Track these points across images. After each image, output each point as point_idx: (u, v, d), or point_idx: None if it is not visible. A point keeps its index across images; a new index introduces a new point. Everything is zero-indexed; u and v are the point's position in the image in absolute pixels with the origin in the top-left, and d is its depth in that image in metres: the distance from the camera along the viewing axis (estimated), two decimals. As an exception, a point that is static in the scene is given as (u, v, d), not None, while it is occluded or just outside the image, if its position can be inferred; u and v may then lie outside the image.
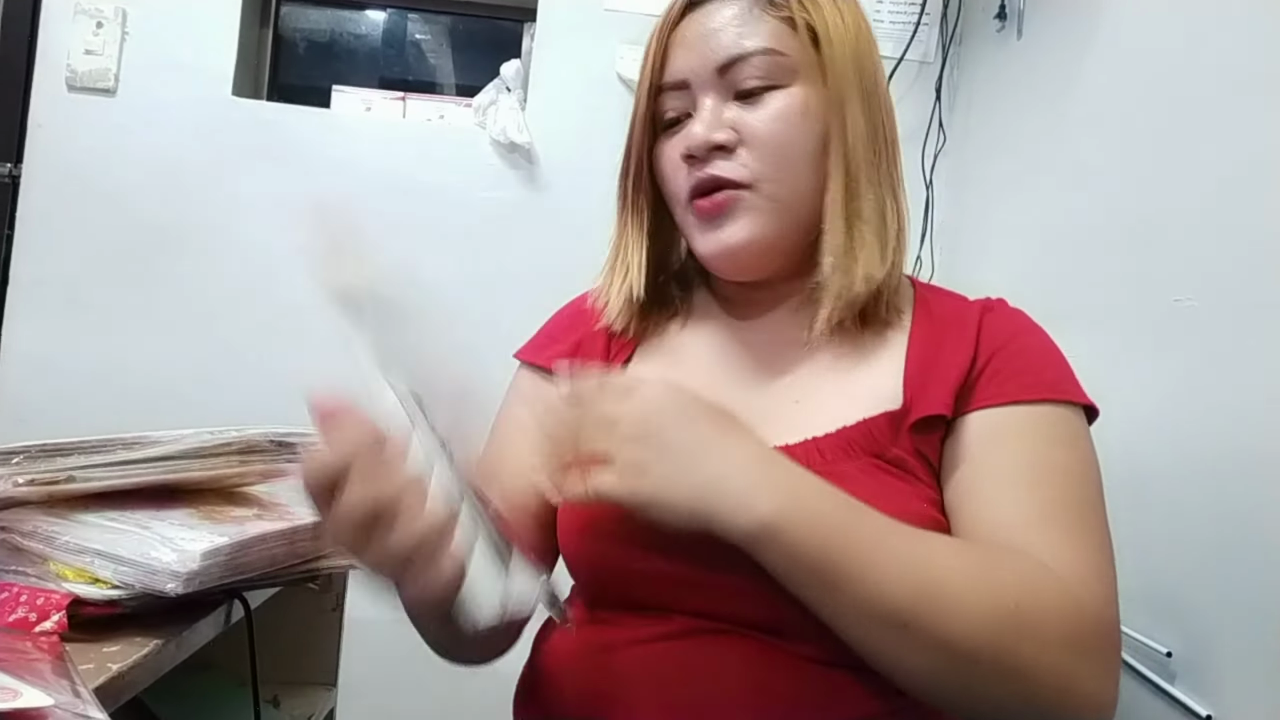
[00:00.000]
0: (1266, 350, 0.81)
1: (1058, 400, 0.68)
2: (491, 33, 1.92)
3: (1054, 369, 0.70)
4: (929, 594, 0.56)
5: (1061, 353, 0.72)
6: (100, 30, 1.64)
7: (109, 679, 0.57)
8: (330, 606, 1.14)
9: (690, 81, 0.72)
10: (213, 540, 0.68)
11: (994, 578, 0.58)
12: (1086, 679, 0.57)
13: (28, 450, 0.68)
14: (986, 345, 0.70)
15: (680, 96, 0.73)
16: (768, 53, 0.71)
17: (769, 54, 0.71)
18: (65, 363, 1.66)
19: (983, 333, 0.71)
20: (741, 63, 0.71)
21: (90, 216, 1.66)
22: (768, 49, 0.71)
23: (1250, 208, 0.86)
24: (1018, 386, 0.67)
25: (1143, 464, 0.94)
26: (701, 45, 0.72)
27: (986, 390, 0.68)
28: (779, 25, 0.72)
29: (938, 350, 0.71)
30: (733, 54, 0.71)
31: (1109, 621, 0.61)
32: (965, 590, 0.57)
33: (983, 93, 1.61)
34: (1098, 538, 0.64)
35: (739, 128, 0.71)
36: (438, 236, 1.70)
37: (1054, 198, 1.27)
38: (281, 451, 0.81)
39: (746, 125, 0.70)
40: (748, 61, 0.71)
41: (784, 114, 0.70)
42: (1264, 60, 0.86)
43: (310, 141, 1.69)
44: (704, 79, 0.72)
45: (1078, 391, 0.69)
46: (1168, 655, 0.88)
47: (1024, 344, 0.71)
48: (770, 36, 0.71)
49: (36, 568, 0.67)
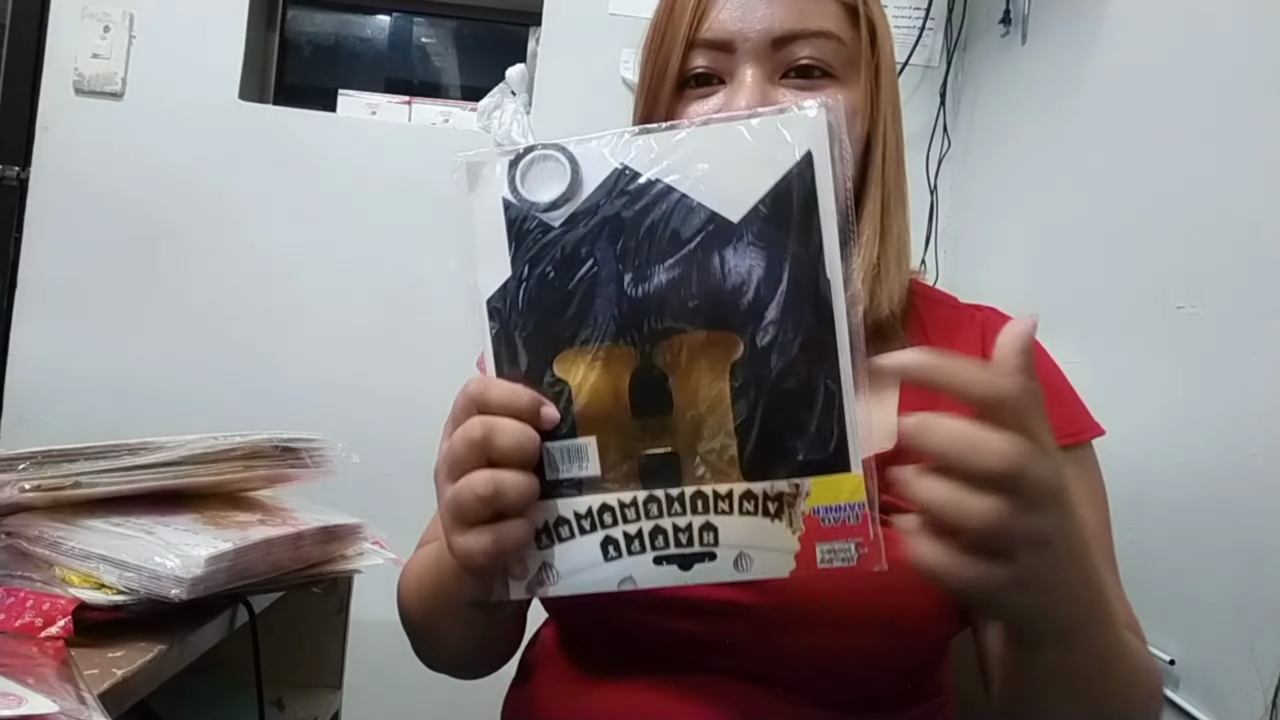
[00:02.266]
0: (1268, 358, 0.81)
1: (1077, 444, 0.67)
2: (496, 36, 1.92)
3: (1067, 404, 0.69)
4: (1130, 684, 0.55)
5: (1065, 376, 0.71)
6: (107, 34, 1.65)
7: (113, 684, 0.58)
8: (335, 609, 1.14)
9: (735, 44, 0.64)
10: (217, 546, 0.68)
11: (1147, 664, 0.59)
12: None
13: (34, 456, 0.68)
14: None
15: (715, 57, 0.65)
16: (830, 37, 0.64)
17: (830, 39, 0.64)
18: (72, 364, 1.66)
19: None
20: (801, 40, 0.63)
21: (97, 219, 1.67)
22: (831, 33, 0.64)
23: (1254, 214, 0.86)
24: None
25: (1145, 470, 0.94)
26: (760, 7, 0.63)
27: None
28: (841, 11, 0.66)
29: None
30: (793, 29, 0.63)
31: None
32: (1144, 689, 0.58)
33: (987, 98, 1.61)
34: (1119, 579, 0.66)
35: None
36: (442, 239, 1.71)
37: (1057, 203, 1.27)
38: (285, 457, 0.81)
39: None
40: (808, 41, 0.64)
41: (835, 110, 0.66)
42: (1267, 67, 0.86)
43: (316, 144, 1.70)
44: (754, 46, 0.64)
45: (1090, 424, 0.69)
46: (1171, 663, 0.88)
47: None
48: (835, 21, 0.65)
49: (42, 573, 0.67)
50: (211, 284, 1.69)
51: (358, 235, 1.70)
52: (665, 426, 0.50)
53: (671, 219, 0.49)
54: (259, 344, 1.69)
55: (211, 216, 1.68)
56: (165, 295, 1.68)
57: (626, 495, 0.50)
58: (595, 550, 0.51)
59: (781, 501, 0.49)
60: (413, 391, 1.66)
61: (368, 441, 1.56)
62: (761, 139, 0.48)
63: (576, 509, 0.51)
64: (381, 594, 1.12)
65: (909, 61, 1.68)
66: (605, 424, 0.50)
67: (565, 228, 0.50)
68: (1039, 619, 0.46)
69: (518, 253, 0.50)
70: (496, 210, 0.51)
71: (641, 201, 0.49)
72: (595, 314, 0.50)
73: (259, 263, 1.69)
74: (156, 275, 1.68)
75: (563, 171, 0.50)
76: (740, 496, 0.50)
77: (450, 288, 1.69)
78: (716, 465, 0.50)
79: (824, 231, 0.48)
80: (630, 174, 0.50)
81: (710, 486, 0.50)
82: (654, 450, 0.50)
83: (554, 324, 0.50)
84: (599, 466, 0.50)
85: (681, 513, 0.50)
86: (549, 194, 0.50)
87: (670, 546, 0.50)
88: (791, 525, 0.49)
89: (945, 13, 1.69)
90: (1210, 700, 0.84)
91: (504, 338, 0.51)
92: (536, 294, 0.50)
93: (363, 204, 1.70)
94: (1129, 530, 0.94)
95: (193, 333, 1.68)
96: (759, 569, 0.50)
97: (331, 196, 1.69)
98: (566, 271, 0.50)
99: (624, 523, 0.51)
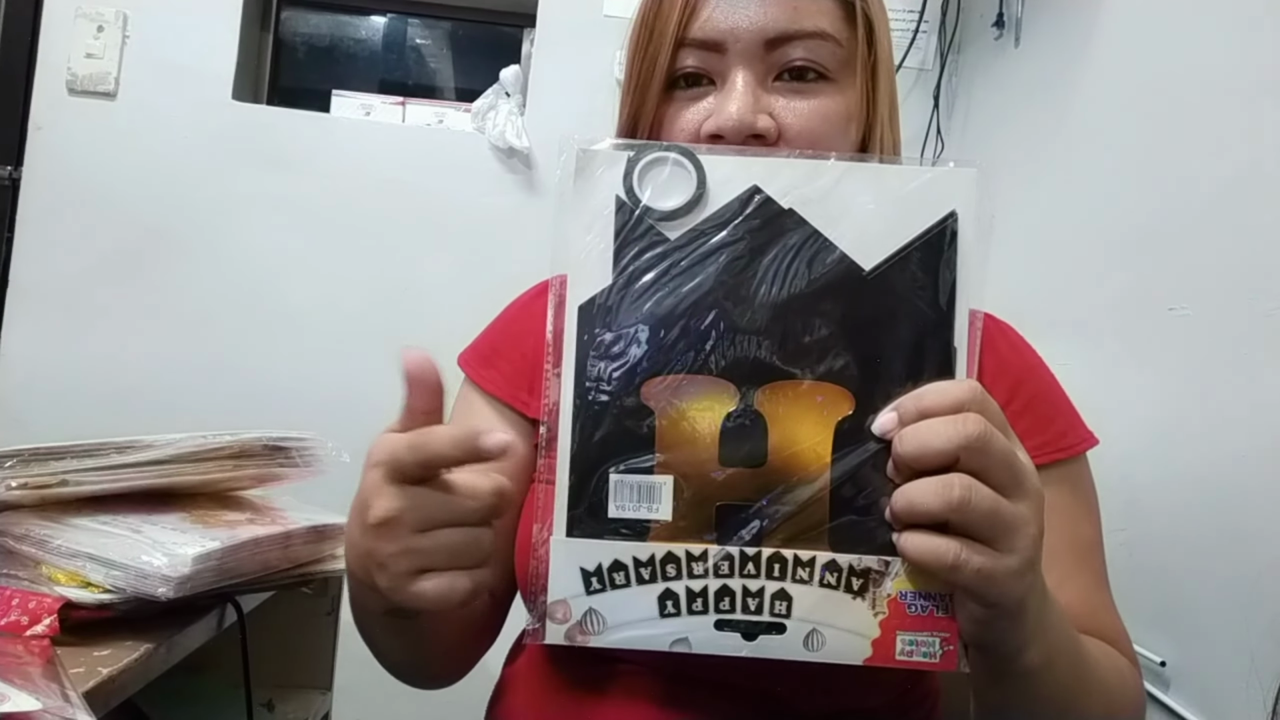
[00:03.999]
0: (1261, 359, 0.81)
1: (1071, 458, 0.67)
2: (491, 38, 1.92)
3: (1063, 415, 0.69)
4: (1109, 712, 0.56)
5: (1060, 385, 0.71)
6: (101, 34, 1.65)
7: (99, 682, 0.57)
8: (326, 610, 1.14)
9: (726, 45, 0.61)
10: (204, 544, 0.68)
11: (1128, 683, 0.60)
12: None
13: (20, 454, 0.68)
14: (993, 393, 0.67)
15: (705, 56, 0.62)
16: (825, 38, 0.62)
17: (826, 40, 0.62)
18: (64, 365, 1.66)
19: (985, 375, 0.67)
20: (795, 41, 0.61)
21: (90, 219, 1.66)
22: (826, 33, 0.62)
23: (1245, 216, 0.86)
24: (1034, 447, 0.64)
25: (1137, 472, 0.94)
26: (752, 6, 0.61)
27: None
28: (837, 9, 0.63)
29: None
30: (787, 29, 0.61)
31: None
32: (1122, 707, 0.58)
33: (981, 100, 1.61)
34: (1111, 594, 0.67)
35: (778, 117, 0.60)
36: (436, 240, 1.71)
37: (1050, 205, 1.27)
38: (275, 456, 0.81)
39: (787, 118, 0.61)
40: (803, 42, 0.61)
41: (829, 115, 0.61)
42: (1260, 69, 0.86)
43: (310, 145, 1.70)
44: (746, 47, 0.61)
45: (1084, 435, 0.68)
46: (1162, 664, 0.88)
47: (1031, 392, 0.68)
48: (831, 20, 0.62)
49: (29, 571, 0.67)
50: (204, 284, 1.68)
51: (351, 236, 1.69)
52: (753, 478, 0.46)
53: (800, 254, 0.45)
54: (251, 344, 1.68)
55: (204, 217, 1.68)
56: (158, 295, 1.68)
57: (696, 548, 0.46)
58: (652, 604, 0.46)
59: (868, 579, 0.45)
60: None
61: (362, 442, 1.56)
62: (910, 188, 0.46)
63: (637, 555, 0.46)
64: (373, 595, 1.12)
65: (903, 64, 1.68)
66: (686, 464, 0.46)
67: (681, 241, 0.46)
68: (1031, 637, 0.46)
69: (623, 260, 0.46)
70: (607, 209, 0.46)
71: (770, 229, 0.46)
72: (697, 342, 0.46)
73: (252, 263, 1.69)
74: (149, 275, 1.67)
75: (688, 180, 0.46)
76: (823, 566, 0.45)
77: (444, 287, 1.69)
78: (802, 529, 0.45)
79: (958, 298, 0.45)
80: (763, 198, 0.46)
81: (792, 551, 0.45)
82: (735, 502, 0.46)
83: (650, 344, 0.46)
84: (670, 511, 0.46)
85: (755, 575, 0.46)
86: (669, 202, 0.46)
87: (736, 611, 0.46)
88: (874, 607, 0.45)
89: (939, 15, 1.70)
90: (1201, 702, 0.84)
91: (590, 349, 0.46)
92: (636, 307, 0.46)
93: (356, 204, 1.69)
94: (1121, 531, 0.94)
95: (185, 332, 1.68)
96: (831, 651, 0.46)
97: (325, 197, 1.69)
98: (674, 290, 0.46)
99: (688, 577, 0.46)
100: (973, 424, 0.43)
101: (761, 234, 0.46)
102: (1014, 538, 0.43)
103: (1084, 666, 0.52)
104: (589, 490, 0.46)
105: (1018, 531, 0.43)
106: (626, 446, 0.46)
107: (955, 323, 0.45)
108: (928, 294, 0.45)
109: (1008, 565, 0.43)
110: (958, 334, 0.45)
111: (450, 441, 0.45)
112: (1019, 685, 0.50)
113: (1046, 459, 0.65)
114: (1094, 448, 0.69)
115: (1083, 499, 0.67)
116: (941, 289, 0.45)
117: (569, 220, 0.47)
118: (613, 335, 0.46)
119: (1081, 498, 0.67)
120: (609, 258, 0.46)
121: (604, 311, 0.46)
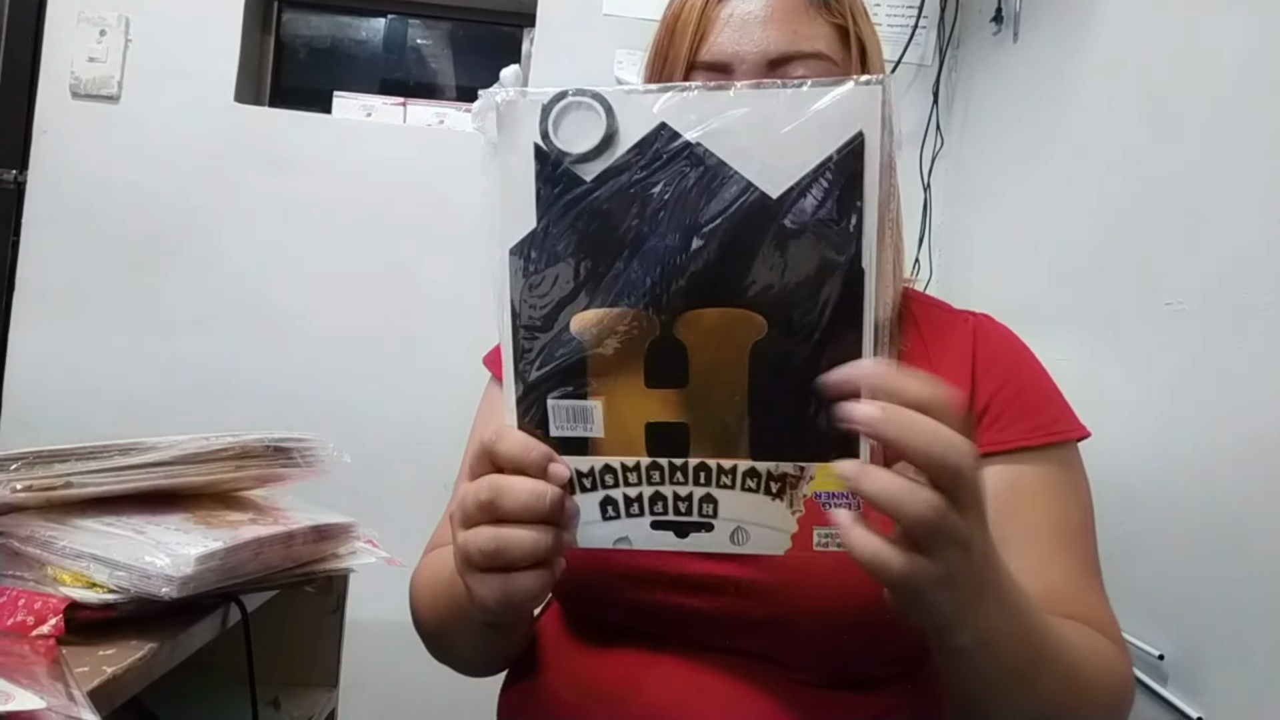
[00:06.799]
0: (1257, 353, 0.81)
1: (1062, 441, 0.68)
2: (491, 38, 1.93)
3: (1054, 404, 0.70)
4: (1078, 693, 0.56)
5: (1052, 379, 0.72)
6: (104, 37, 1.66)
7: (103, 681, 0.58)
8: (331, 608, 1.15)
9: (733, 66, 0.66)
10: (207, 545, 0.69)
11: (1108, 665, 0.60)
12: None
13: (25, 456, 0.69)
14: (985, 382, 0.69)
15: (714, 78, 0.67)
16: (822, 58, 0.66)
17: (823, 60, 0.66)
18: (70, 367, 1.67)
19: (978, 365, 0.70)
20: (795, 62, 0.66)
21: (94, 222, 1.67)
22: (823, 54, 0.66)
23: (1242, 212, 0.86)
24: (1024, 430, 0.67)
25: (1133, 466, 0.95)
26: (755, 31, 0.66)
27: (990, 434, 0.67)
28: (833, 33, 0.68)
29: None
30: (787, 50, 0.66)
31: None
32: (1095, 687, 0.58)
33: (980, 95, 1.61)
34: (1101, 580, 0.67)
35: None
36: (438, 240, 1.71)
37: (1049, 200, 1.27)
38: (277, 456, 0.81)
39: None
40: (802, 62, 0.66)
41: None
42: (1257, 64, 0.86)
43: (312, 146, 1.71)
44: (751, 68, 0.66)
45: (1074, 425, 0.70)
46: (1159, 658, 0.88)
47: (1022, 380, 0.70)
48: (827, 42, 0.67)
49: (34, 572, 0.67)
50: (208, 285, 1.69)
51: (353, 236, 1.70)
52: (677, 399, 0.49)
53: (707, 187, 0.47)
54: (256, 345, 1.69)
55: (208, 219, 1.69)
56: (162, 297, 1.69)
57: (630, 460, 0.51)
58: (594, 509, 0.52)
59: (784, 482, 0.49)
60: (409, 392, 1.67)
61: (363, 442, 1.58)
62: (814, 110, 0.45)
63: (579, 467, 0.51)
64: (378, 593, 1.13)
65: (902, 59, 1.68)
66: (615, 388, 0.50)
67: (596, 183, 0.48)
68: (955, 624, 0.47)
69: (545, 203, 0.48)
70: (527, 156, 0.48)
71: (677, 164, 0.47)
72: (618, 277, 0.48)
73: (255, 264, 1.70)
74: (153, 277, 1.68)
75: (598, 122, 0.47)
76: (744, 473, 0.50)
77: (446, 287, 1.70)
78: (724, 441, 0.49)
79: (865, 218, 0.46)
80: (669, 133, 0.47)
81: (715, 460, 0.50)
82: (662, 420, 0.50)
83: (575, 280, 0.49)
84: (604, 429, 0.50)
85: (683, 482, 0.51)
86: (582, 144, 0.47)
87: (669, 513, 0.51)
88: (792, 506, 0.50)
89: (938, 11, 1.69)
90: (1198, 694, 0.84)
91: (522, 289, 0.49)
92: (560, 248, 0.48)
93: (358, 205, 1.70)
94: (1118, 526, 0.94)
95: (190, 334, 1.69)
96: (755, 544, 0.51)
97: (327, 198, 1.70)
98: (593, 229, 0.48)
99: (624, 485, 0.51)
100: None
101: (670, 169, 0.47)
102: (945, 549, 0.44)
103: (1041, 648, 0.52)
104: (532, 415, 0.51)
105: (953, 546, 0.44)
106: (561, 375, 0.50)
107: (863, 243, 0.46)
108: (835, 217, 0.46)
109: (934, 573, 0.44)
110: (865, 254, 0.46)
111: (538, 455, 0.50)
112: (951, 660, 0.51)
113: (1037, 440, 0.66)
114: (1085, 439, 0.70)
115: (1071, 484, 0.68)
116: (849, 211, 0.46)
117: (499, 170, 0.49)
118: (540, 276, 0.49)
119: (1070, 482, 0.68)
120: (532, 202, 0.49)
121: (531, 254, 0.49)
